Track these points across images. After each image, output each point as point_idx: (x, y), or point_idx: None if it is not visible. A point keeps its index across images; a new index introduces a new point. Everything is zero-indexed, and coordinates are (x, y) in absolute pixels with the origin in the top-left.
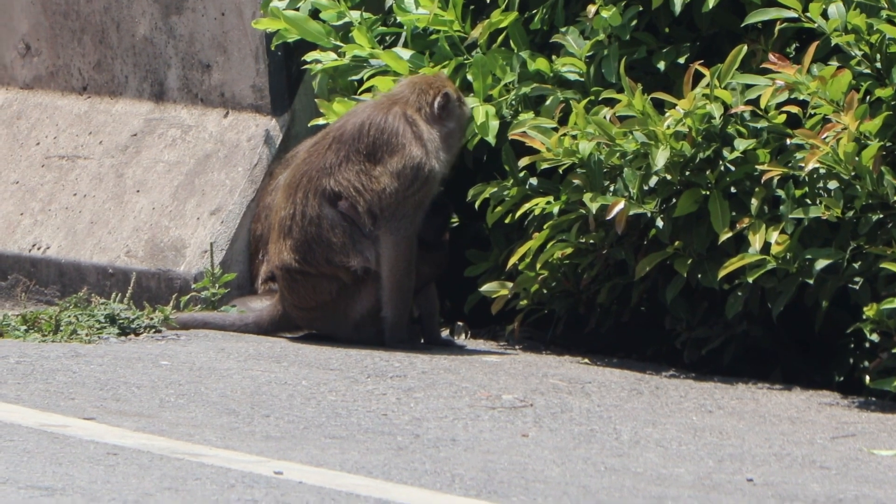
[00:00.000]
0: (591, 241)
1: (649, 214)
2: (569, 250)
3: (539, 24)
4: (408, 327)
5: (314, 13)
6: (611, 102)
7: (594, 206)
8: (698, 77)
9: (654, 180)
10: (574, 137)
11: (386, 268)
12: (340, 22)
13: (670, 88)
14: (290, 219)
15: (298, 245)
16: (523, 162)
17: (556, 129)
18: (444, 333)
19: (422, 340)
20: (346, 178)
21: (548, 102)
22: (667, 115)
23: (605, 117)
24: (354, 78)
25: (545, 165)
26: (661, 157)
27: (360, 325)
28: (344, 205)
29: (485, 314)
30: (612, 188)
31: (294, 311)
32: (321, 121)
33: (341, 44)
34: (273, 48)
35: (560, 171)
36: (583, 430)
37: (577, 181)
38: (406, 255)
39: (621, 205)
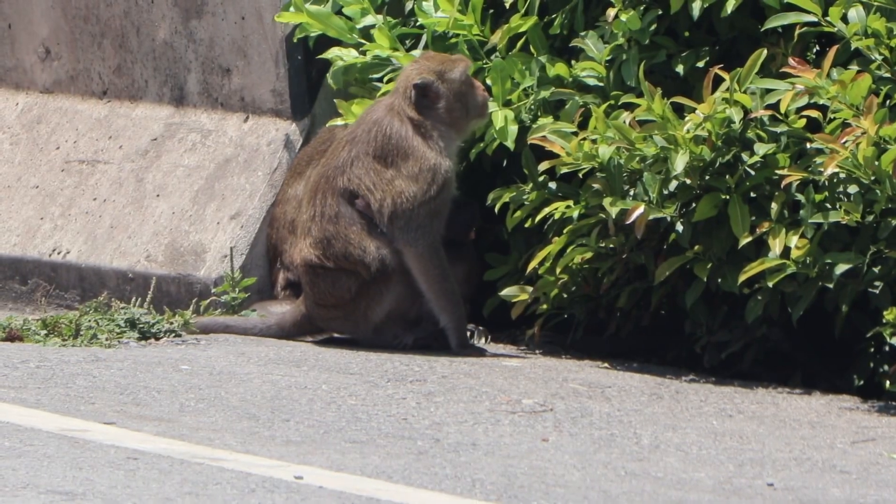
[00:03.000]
0: (611, 246)
1: (669, 219)
2: (589, 255)
3: (559, 28)
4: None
5: (338, 11)
6: (630, 107)
7: (614, 211)
8: (718, 81)
9: (673, 184)
10: (594, 142)
11: (420, 280)
12: (362, 24)
13: (690, 92)
14: (310, 220)
15: (318, 241)
16: (543, 166)
17: (575, 134)
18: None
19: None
20: (356, 174)
21: (567, 107)
22: (686, 119)
23: (624, 121)
24: (375, 76)
25: (565, 170)
26: (680, 162)
27: (379, 328)
28: (361, 203)
29: (504, 318)
30: (631, 192)
31: (315, 311)
32: (339, 121)
33: (364, 41)
34: (295, 41)
35: (580, 175)
36: (603, 434)
37: (596, 185)
38: (434, 262)
39: (641, 209)
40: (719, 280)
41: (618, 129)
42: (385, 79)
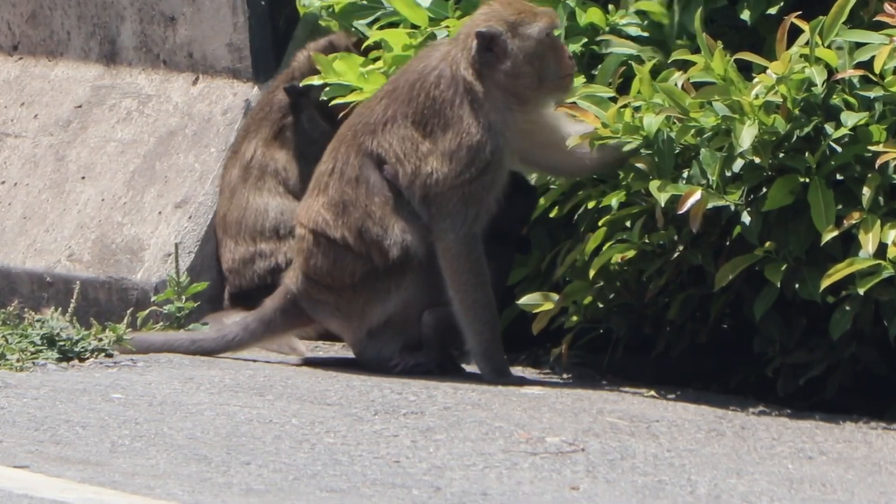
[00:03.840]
0: (660, 242)
1: (733, 208)
2: (631, 253)
3: None
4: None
5: None
6: (684, 65)
7: (663, 198)
8: (795, 33)
9: (738, 164)
10: (637, 110)
11: (448, 283)
12: None
13: (759, 47)
14: (328, 174)
15: (332, 203)
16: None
17: (614, 100)
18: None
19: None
20: (388, 140)
21: (604, 64)
22: (755, 81)
23: (676, 84)
24: (361, 22)
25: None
26: (747, 135)
27: (375, 334)
28: (389, 171)
29: (524, 333)
30: (685, 174)
31: (306, 289)
32: (316, 80)
33: None
34: None
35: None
36: (648, 481)
37: (641, 165)
38: (463, 262)
39: (697, 195)
40: (796, 286)
41: (668, 93)
42: (375, 25)
